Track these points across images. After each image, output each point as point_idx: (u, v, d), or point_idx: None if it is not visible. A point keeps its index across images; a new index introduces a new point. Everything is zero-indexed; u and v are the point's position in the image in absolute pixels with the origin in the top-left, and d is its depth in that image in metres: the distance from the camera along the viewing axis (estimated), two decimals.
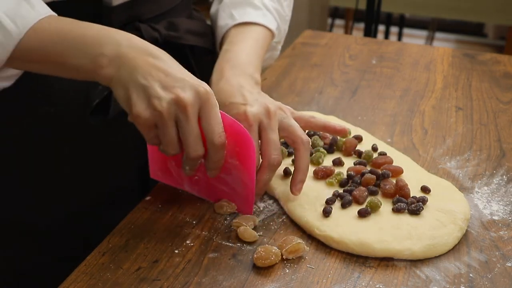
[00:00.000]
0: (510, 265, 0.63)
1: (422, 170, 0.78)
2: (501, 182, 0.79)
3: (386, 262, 0.64)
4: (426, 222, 0.67)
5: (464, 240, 0.67)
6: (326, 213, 0.68)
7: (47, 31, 0.63)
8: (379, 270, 0.63)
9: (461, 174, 0.80)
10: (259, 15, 0.86)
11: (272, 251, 0.63)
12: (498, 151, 0.86)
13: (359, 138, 0.84)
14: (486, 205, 0.74)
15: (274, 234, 0.68)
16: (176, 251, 0.65)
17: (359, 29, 2.81)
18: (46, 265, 0.79)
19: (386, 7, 2.61)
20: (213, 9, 0.92)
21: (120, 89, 0.62)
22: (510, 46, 3.15)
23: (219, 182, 0.70)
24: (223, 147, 0.64)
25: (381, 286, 0.60)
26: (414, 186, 0.72)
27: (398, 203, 0.69)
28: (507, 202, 0.74)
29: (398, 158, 0.79)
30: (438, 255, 0.65)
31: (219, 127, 0.63)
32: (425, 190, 0.72)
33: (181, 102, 0.60)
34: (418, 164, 0.81)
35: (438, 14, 2.87)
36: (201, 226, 0.69)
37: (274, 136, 0.69)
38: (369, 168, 0.76)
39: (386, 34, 3.35)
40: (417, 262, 0.64)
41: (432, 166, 0.82)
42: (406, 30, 3.91)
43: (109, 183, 0.82)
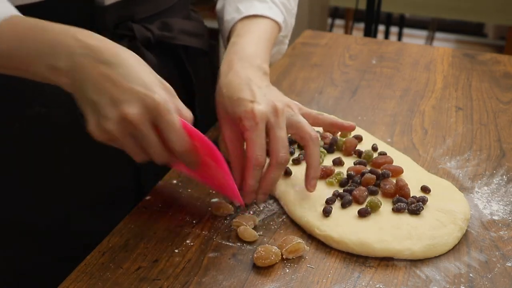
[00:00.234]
0: (510, 265, 0.64)
1: (422, 170, 0.78)
2: (501, 182, 0.79)
3: (386, 262, 0.64)
4: (426, 222, 0.67)
5: (464, 240, 0.67)
6: (326, 213, 0.68)
7: (7, 35, 0.60)
8: (379, 270, 0.63)
9: (461, 174, 0.80)
10: (265, 8, 0.86)
11: (272, 251, 0.63)
12: (498, 151, 0.86)
13: (359, 138, 0.84)
14: (486, 205, 0.74)
15: (274, 234, 0.68)
16: (176, 251, 0.65)
17: (359, 29, 2.80)
18: (46, 265, 0.79)
19: (386, 7, 2.61)
20: (219, 5, 0.92)
21: (80, 102, 0.61)
22: (510, 46, 3.15)
23: (209, 171, 0.68)
24: (188, 152, 0.62)
25: (381, 286, 0.60)
26: (414, 186, 0.72)
27: (398, 203, 0.69)
28: (507, 202, 0.74)
29: (398, 158, 0.79)
30: (438, 255, 0.65)
31: (178, 136, 0.61)
32: (425, 190, 0.72)
33: (128, 120, 0.58)
34: (418, 164, 0.81)
35: (438, 14, 2.87)
36: (201, 226, 0.69)
37: (281, 133, 0.68)
38: (369, 168, 0.76)
39: (386, 34, 3.36)
40: (417, 262, 0.64)
41: (432, 166, 0.82)
42: (406, 30, 3.91)
43: (108, 183, 0.82)
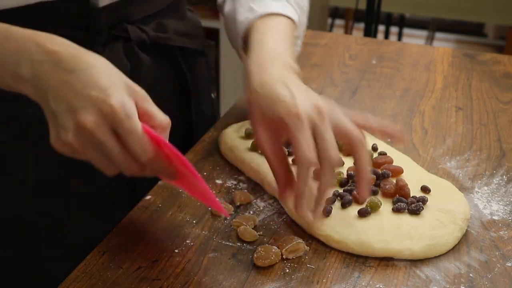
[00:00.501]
0: (510, 265, 0.64)
1: (422, 170, 0.78)
2: (501, 182, 0.79)
3: (386, 262, 0.64)
4: (426, 222, 0.67)
5: (464, 240, 0.67)
6: (326, 213, 0.68)
7: None
8: (379, 270, 0.63)
9: (461, 174, 0.80)
10: (280, 6, 0.83)
11: (272, 251, 0.63)
12: (498, 151, 0.86)
13: None
14: (486, 205, 0.74)
15: (274, 234, 0.68)
16: (176, 251, 0.65)
17: (359, 29, 2.80)
18: (46, 265, 0.79)
19: (386, 7, 2.61)
20: (227, 7, 0.89)
21: (46, 114, 0.58)
22: (510, 46, 3.16)
23: (187, 183, 0.64)
24: (155, 161, 0.58)
25: (381, 286, 0.60)
26: (414, 186, 0.72)
27: (398, 203, 0.69)
28: (507, 202, 0.74)
29: (398, 158, 0.79)
30: (438, 255, 0.65)
31: (138, 143, 0.56)
32: (425, 190, 0.72)
33: (85, 129, 0.55)
34: (418, 164, 0.81)
35: (438, 14, 2.87)
36: (201, 226, 0.69)
37: (329, 135, 0.64)
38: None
39: (386, 34, 3.35)
40: (417, 262, 0.64)
41: (432, 166, 0.82)
42: (406, 30, 3.91)
43: (107, 184, 0.81)
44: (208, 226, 0.69)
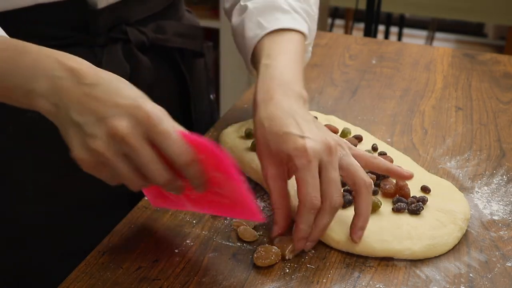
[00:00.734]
0: (510, 265, 0.64)
1: (422, 170, 0.78)
2: (501, 182, 0.79)
3: (386, 262, 0.64)
4: (426, 222, 0.67)
5: (464, 240, 0.67)
6: None
7: None
8: (379, 270, 0.63)
9: (461, 174, 0.80)
10: (289, 20, 0.80)
11: (272, 251, 0.63)
12: (498, 151, 0.86)
13: (359, 138, 0.84)
14: (486, 205, 0.74)
15: None
16: (176, 251, 0.65)
17: (359, 29, 2.80)
18: (46, 265, 0.79)
19: (386, 7, 2.60)
20: (235, 20, 0.85)
21: (63, 130, 0.57)
22: (510, 46, 3.16)
23: (217, 195, 0.63)
24: (193, 164, 0.57)
25: (381, 286, 0.60)
26: (414, 186, 0.72)
27: (398, 203, 0.69)
28: (507, 202, 0.74)
29: (398, 158, 0.79)
30: (438, 255, 0.65)
31: (178, 146, 0.55)
32: (425, 190, 0.72)
33: (117, 135, 0.54)
34: (418, 164, 0.81)
35: (438, 14, 2.87)
36: (201, 226, 0.69)
37: (335, 175, 0.63)
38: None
39: (386, 34, 3.35)
40: (417, 262, 0.64)
41: (432, 166, 0.82)
42: (406, 30, 3.91)
43: (107, 185, 0.81)
44: (208, 226, 0.69)
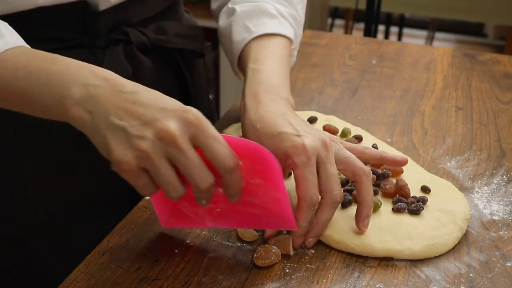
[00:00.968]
0: (510, 265, 0.64)
1: (422, 170, 0.78)
2: (501, 182, 0.79)
3: (386, 262, 0.64)
4: (426, 222, 0.67)
5: (464, 240, 0.67)
6: None
7: (12, 65, 0.57)
8: (379, 270, 0.63)
9: (461, 174, 0.80)
10: (276, 24, 0.81)
11: (272, 251, 0.63)
12: (498, 151, 0.86)
13: (359, 138, 0.84)
14: (486, 205, 0.74)
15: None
16: (176, 251, 0.65)
17: (359, 29, 2.80)
18: (46, 265, 0.79)
19: (386, 7, 2.60)
20: (222, 22, 0.86)
21: (96, 137, 0.55)
22: (510, 46, 3.16)
23: (247, 206, 0.63)
24: (237, 169, 0.57)
25: (381, 286, 0.60)
26: (414, 186, 0.72)
27: (398, 203, 0.69)
28: (507, 202, 0.74)
29: None
30: (438, 255, 0.65)
31: (226, 149, 0.56)
32: (425, 190, 0.72)
33: (167, 136, 0.53)
34: (418, 164, 0.81)
35: (438, 14, 2.87)
36: None
37: (333, 170, 0.63)
38: (369, 167, 0.76)
39: (386, 34, 3.35)
40: (417, 262, 0.64)
41: (432, 166, 0.82)
42: (406, 30, 3.91)
43: (107, 186, 0.81)
44: None
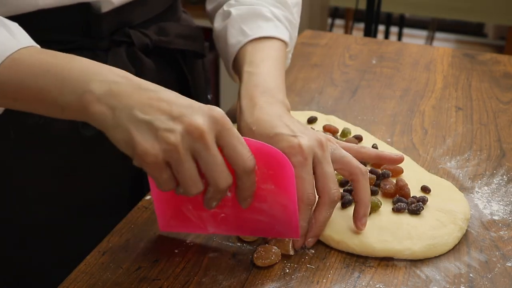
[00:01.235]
0: (510, 265, 0.63)
1: (422, 170, 0.78)
2: (501, 182, 0.79)
3: (386, 262, 0.64)
4: (426, 222, 0.67)
5: (464, 240, 0.67)
6: None
7: (27, 63, 0.57)
8: (379, 270, 0.63)
9: (461, 174, 0.80)
10: (271, 28, 0.81)
11: (272, 251, 0.63)
12: (498, 151, 0.86)
13: (359, 138, 0.84)
14: (486, 205, 0.74)
15: None
16: (176, 251, 0.65)
17: (359, 29, 2.80)
18: (46, 265, 0.79)
19: (386, 7, 2.60)
20: (218, 25, 0.87)
21: (117, 132, 0.54)
22: (510, 46, 3.16)
23: (254, 212, 0.63)
24: (254, 171, 0.58)
25: (381, 286, 0.60)
26: (414, 186, 0.72)
27: (398, 203, 0.69)
28: (507, 202, 0.74)
29: None
30: (438, 255, 0.65)
31: (247, 150, 0.57)
32: (425, 190, 0.72)
33: (196, 130, 0.53)
34: (418, 164, 0.81)
35: (438, 14, 2.87)
36: None
37: (330, 169, 0.64)
38: (369, 167, 0.76)
39: (386, 34, 3.35)
40: (417, 262, 0.64)
41: (432, 166, 0.82)
42: (406, 30, 3.91)
43: (107, 188, 0.82)
44: None
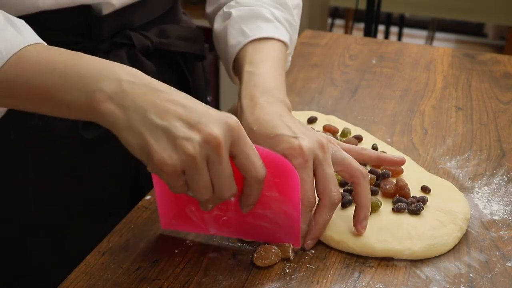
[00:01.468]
0: (510, 265, 0.63)
1: (422, 170, 0.78)
2: (501, 182, 0.79)
3: (386, 262, 0.64)
4: (426, 222, 0.67)
5: (464, 240, 0.67)
6: None
7: (34, 60, 0.56)
8: (379, 270, 0.63)
9: (461, 174, 0.80)
10: (272, 28, 0.81)
11: (272, 251, 0.63)
12: (498, 151, 0.86)
13: (359, 138, 0.84)
14: (486, 205, 0.74)
15: None
16: (176, 251, 0.65)
17: (359, 29, 2.80)
18: (46, 265, 0.79)
19: (386, 7, 2.60)
20: (218, 26, 0.87)
21: (130, 135, 0.53)
22: (510, 46, 3.15)
23: (256, 218, 0.64)
24: (264, 180, 0.58)
25: (381, 286, 0.60)
26: (414, 186, 0.72)
27: (398, 203, 0.69)
28: (507, 202, 0.74)
29: None
30: (438, 255, 0.65)
31: (259, 159, 0.57)
32: (425, 190, 0.72)
33: (213, 141, 0.53)
34: (418, 164, 0.81)
35: (438, 14, 2.87)
36: None
37: (331, 171, 0.63)
38: (369, 168, 0.76)
39: (386, 34, 3.35)
40: (417, 262, 0.64)
41: (432, 166, 0.82)
42: (406, 30, 3.91)
43: (108, 188, 0.82)
44: None
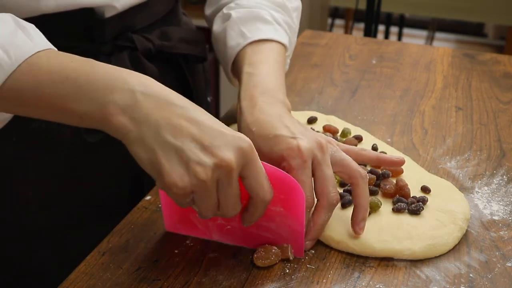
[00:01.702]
0: (510, 265, 0.63)
1: (422, 170, 0.78)
2: (501, 182, 0.79)
3: (386, 262, 0.64)
4: (426, 222, 0.67)
5: (464, 240, 0.67)
6: None
7: (45, 68, 0.54)
8: (379, 270, 0.63)
9: (461, 174, 0.80)
10: (271, 30, 0.81)
11: (272, 251, 0.63)
12: (498, 151, 0.86)
13: (359, 138, 0.84)
14: (486, 205, 0.74)
15: None
16: (176, 251, 0.65)
17: (359, 29, 2.80)
18: (46, 265, 0.79)
19: (386, 7, 2.60)
20: (217, 27, 0.86)
21: (141, 150, 0.53)
22: (510, 46, 3.16)
23: (260, 229, 0.64)
24: (270, 202, 0.58)
25: (381, 286, 0.60)
26: (414, 186, 0.72)
27: (398, 203, 0.69)
28: (507, 202, 0.74)
29: None
30: (438, 255, 0.65)
31: (267, 182, 0.57)
32: (425, 190, 0.72)
33: (226, 166, 0.53)
34: (418, 164, 0.81)
35: (438, 14, 2.87)
36: None
37: (329, 172, 0.63)
38: (369, 168, 0.76)
39: (386, 34, 3.35)
40: (417, 262, 0.64)
41: (432, 166, 0.82)
42: (406, 30, 3.91)
43: (108, 189, 0.82)
44: None
